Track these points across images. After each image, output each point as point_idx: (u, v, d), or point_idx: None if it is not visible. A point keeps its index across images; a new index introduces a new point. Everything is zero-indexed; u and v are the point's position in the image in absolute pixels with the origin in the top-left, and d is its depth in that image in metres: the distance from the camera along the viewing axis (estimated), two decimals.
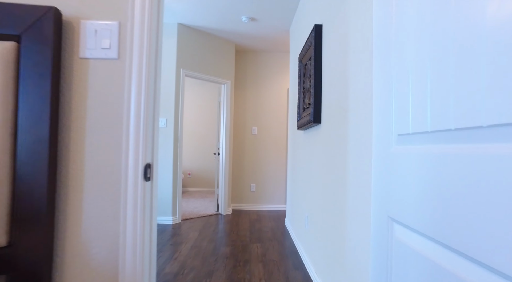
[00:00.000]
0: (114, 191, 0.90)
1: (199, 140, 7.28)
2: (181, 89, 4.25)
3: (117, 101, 0.92)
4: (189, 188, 7.25)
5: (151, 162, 0.97)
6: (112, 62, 0.93)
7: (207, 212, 4.78)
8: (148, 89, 0.94)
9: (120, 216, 0.91)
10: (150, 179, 0.97)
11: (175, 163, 4.15)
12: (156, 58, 1.00)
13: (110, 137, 0.92)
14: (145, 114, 0.94)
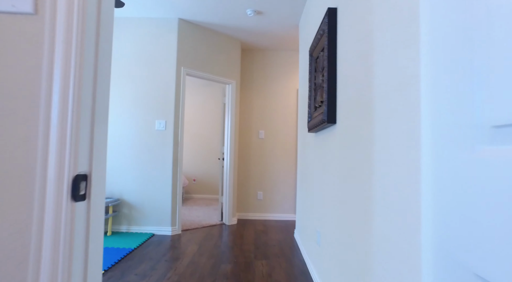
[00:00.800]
0: (20, 219, 0.58)
1: (204, 144, 6.98)
2: (182, 89, 3.95)
3: (31, 78, 0.60)
4: (194, 195, 6.93)
5: (88, 172, 0.64)
6: (24, 19, 0.61)
7: (210, 222, 4.44)
8: (81, 62, 0.61)
9: (29, 263, 0.58)
10: (87, 197, 0.64)
11: (175, 168, 3.84)
12: (98, 16, 0.67)
13: (18, 133, 0.60)
14: (75, 99, 0.61)
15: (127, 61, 3.91)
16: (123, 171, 3.83)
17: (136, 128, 3.86)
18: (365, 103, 1.39)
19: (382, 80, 1.19)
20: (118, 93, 3.89)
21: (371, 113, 1.31)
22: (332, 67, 1.95)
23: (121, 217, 3.82)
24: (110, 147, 3.86)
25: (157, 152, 3.82)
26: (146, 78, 3.89)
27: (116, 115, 3.88)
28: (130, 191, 3.82)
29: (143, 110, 3.87)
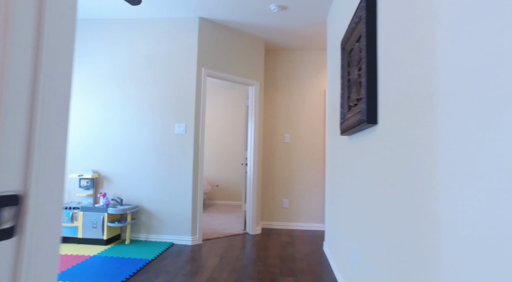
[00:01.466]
0: None
1: (227, 148, 6.78)
2: (203, 91, 3.76)
3: None
4: (217, 201, 6.74)
5: (22, 192, 0.41)
6: None
7: (233, 231, 4.20)
8: None
9: None
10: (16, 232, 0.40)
11: (195, 174, 3.64)
12: None
13: None
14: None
15: (145, 63, 3.79)
16: (141, 177, 3.69)
17: (155, 132, 3.71)
18: (422, 99, 1.09)
19: (453, 68, 0.89)
20: (137, 96, 3.77)
21: (432, 111, 1.00)
22: (372, 58, 1.65)
23: (140, 225, 3.66)
24: (129, 151, 3.73)
25: (176, 157, 3.65)
26: (165, 80, 3.75)
27: (134, 119, 3.75)
28: (149, 198, 3.67)
29: (162, 114, 3.72)
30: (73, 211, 3.43)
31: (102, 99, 3.82)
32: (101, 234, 3.37)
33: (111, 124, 3.78)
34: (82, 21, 3.92)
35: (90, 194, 3.66)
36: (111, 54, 3.85)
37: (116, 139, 3.76)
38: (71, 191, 3.82)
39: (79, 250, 3.18)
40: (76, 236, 3.41)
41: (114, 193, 3.73)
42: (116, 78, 3.82)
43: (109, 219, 3.43)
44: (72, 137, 3.84)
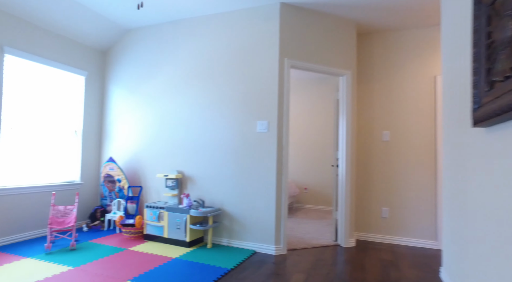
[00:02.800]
0: None
1: (317, 148, 6.26)
2: (286, 84, 3.38)
3: None
4: (305, 205, 6.29)
5: None
6: None
7: (322, 241, 3.70)
8: None
9: None
10: None
11: (279, 176, 3.28)
12: None
13: None
14: None
15: (225, 59, 3.61)
16: (223, 178, 3.51)
17: (236, 131, 3.49)
18: None
19: None
20: (217, 94, 3.62)
21: None
22: None
23: (221, 229, 3.49)
24: (210, 151, 3.60)
25: (258, 157, 3.35)
26: (245, 75, 3.49)
27: (216, 118, 3.60)
28: (230, 200, 3.46)
29: (243, 111, 3.47)
30: (160, 210, 3.45)
31: (186, 100, 3.80)
32: (184, 235, 3.30)
33: (194, 124, 3.72)
34: (164, 24, 3.98)
35: (175, 194, 3.66)
36: (191, 53, 3.80)
37: (199, 138, 3.68)
38: (160, 190, 3.90)
39: (163, 250, 3.15)
40: (162, 235, 3.42)
41: (197, 194, 3.65)
42: (197, 77, 3.75)
43: (191, 221, 3.34)
44: (160, 138, 3.92)
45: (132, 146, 4.12)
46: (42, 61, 3.64)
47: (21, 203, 3.43)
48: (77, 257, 2.87)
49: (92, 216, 4.00)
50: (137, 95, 4.14)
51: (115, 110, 4.30)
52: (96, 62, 4.33)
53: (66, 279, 2.38)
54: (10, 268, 2.60)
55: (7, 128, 3.35)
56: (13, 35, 3.37)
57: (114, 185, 3.97)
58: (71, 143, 4.04)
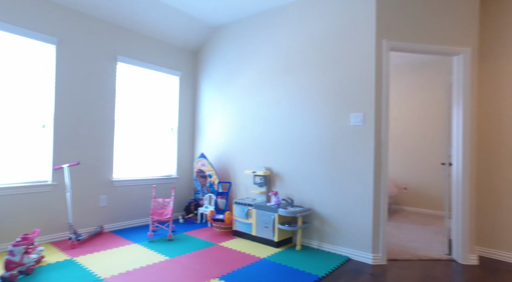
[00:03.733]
0: None
1: (419, 143, 5.46)
2: (385, 69, 2.92)
3: None
4: (405, 207, 5.56)
5: None
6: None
7: (431, 253, 3.13)
8: None
9: None
10: None
11: (377, 175, 2.87)
12: None
13: None
14: None
15: (313, 47, 3.32)
16: (313, 176, 3.26)
17: (327, 126, 3.19)
18: None
19: None
20: (306, 86, 3.37)
21: None
22: None
23: (312, 230, 3.25)
24: (299, 147, 3.38)
25: (353, 153, 2.99)
26: (335, 64, 3.15)
27: (305, 111, 3.36)
28: (321, 201, 3.20)
29: (334, 103, 3.15)
30: (248, 207, 3.41)
31: (274, 94, 3.66)
32: (272, 235, 3.18)
33: (283, 119, 3.56)
34: (248, 18, 3.90)
35: (263, 191, 3.57)
36: (275, 46, 3.63)
37: (288, 134, 3.50)
38: (249, 186, 3.88)
39: (251, 249, 3.08)
40: (250, 232, 3.38)
41: (285, 192, 3.49)
42: (284, 70, 3.57)
43: (280, 220, 3.19)
44: (248, 134, 3.89)
45: (222, 142, 4.20)
46: (144, 65, 3.97)
47: (131, 194, 3.82)
48: (173, 248, 3.02)
49: (187, 208, 4.23)
50: (226, 92, 4.19)
51: (206, 108, 4.45)
52: (188, 62, 4.55)
53: (163, 268, 2.50)
54: (123, 251, 2.90)
55: (118, 128, 3.75)
56: (123, 44, 3.74)
57: (206, 180, 4.12)
58: (169, 140, 4.34)
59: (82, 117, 3.38)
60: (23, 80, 3.01)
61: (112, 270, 2.47)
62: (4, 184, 2.88)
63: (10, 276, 2.28)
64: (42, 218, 3.09)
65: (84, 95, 3.40)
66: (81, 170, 3.37)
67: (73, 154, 3.31)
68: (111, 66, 3.64)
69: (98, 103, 3.52)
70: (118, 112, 3.75)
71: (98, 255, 2.78)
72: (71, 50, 3.30)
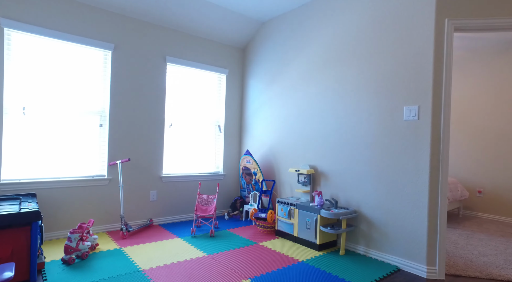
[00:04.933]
0: None
1: (499, 139, 4.69)
2: (446, 55, 2.52)
3: None
4: (479, 213, 4.83)
5: None
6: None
7: (508, 274, 2.63)
8: None
9: None
10: None
11: (434, 176, 2.50)
12: None
13: None
14: None
15: (358, 37, 3.03)
16: (361, 176, 2.99)
17: (377, 121, 2.88)
18: None
19: None
20: (353, 78, 3.10)
21: None
22: None
23: (358, 234, 2.99)
24: (346, 144, 3.13)
25: (406, 151, 2.66)
26: (387, 51, 2.83)
27: (352, 106, 3.10)
28: (369, 203, 2.92)
29: (385, 96, 2.84)
30: (290, 207, 3.28)
31: (320, 89, 3.46)
32: (314, 237, 3.00)
33: (328, 115, 3.34)
34: (294, 10, 3.73)
35: (306, 191, 3.40)
36: (323, 37, 3.40)
37: (334, 131, 3.27)
38: (293, 185, 3.74)
39: (291, 250, 2.95)
40: (292, 233, 3.24)
41: (330, 192, 3.27)
42: (330, 62, 3.33)
43: (322, 222, 3.00)
44: (293, 131, 3.74)
45: (268, 139, 4.12)
46: (192, 65, 4.07)
47: (179, 189, 3.98)
48: (213, 245, 3.05)
49: (232, 205, 4.26)
50: (272, 88, 4.10)
51: (253, 105, 4.41)
52: (235, 59, 4.56)
53: (199, 265, 2.52)
54: (165, 244, 3.02)
55: (168, 125, 3.92)
56: (171, 45, 3.90)
57: (251, 178, 4.09)
58: (216, 137, 4.41)
59: (134, 117, 3.61)
60: (83, 83, 3.32)
61: (152, 262, 2.58)
62: (66, 177, 3.21)
63: (68, 259, 2.52)
64: (99, 209, 3.38)
65: (136, 96, 3.62)
66: (134, 166, 3.61)
67: (126, 151, 3.55)
68: (161, 67, 3.81)
69: (149, 103, 3.72)
70: (168, 111, 3.92)
71: (144, 247, 2.93)
72: (125, 54, 3.53)
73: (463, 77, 5.07)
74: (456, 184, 4.55)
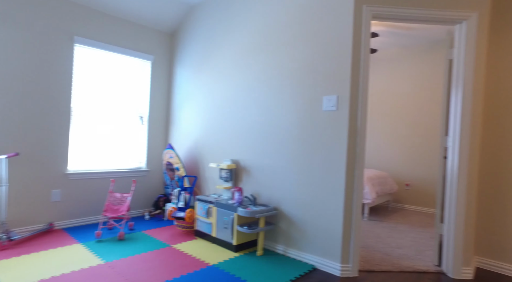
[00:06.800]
0: None
1: (426, 134, 4.85)
2: (364, 44, 2.40)
3: None
4: (406, 205, 4.99)
5: None
6: None
7: (418, 264, 2.62)
8: None
9: None
10: None
11: (350, 170, 2.38)
12: None
13: None
14: None
15: (284, 23, 2.83)
16: (283, 171, 2.81)
17: (299, 111, 2.71)
18: None
19: None
20: (276, 68, 2.90)
21: None
22: None
23: (277, 233, 2.82)
24: (268, 137, 2.93)
25: (325, 145, 2.52)
26: (311, 36, 2.66)
27: (274, 95, 2.90)
28: (289, 199, 2.75)
29: (307, 86, 2.67)
30: (209, 205, 3.01)
31: (246, 76, 3.21)
32: (231, 237, 2.77)
33: (252, 106, 3.11)
34: None
35: (228, 187, 3.16)
36: (247, 25, 3.16)
37: (257, 122, 3.05)
38: (217, 181, 3.47)
39: (206, 253, 2.69)
40: (210, 233, 2.99)
41: (253, 188, 3.06)
42: (254, 51, 3.10)
43: (239, 221, 2.77)
44: (219, 123, 3.47)
45: (194, 132, 3.81)
46: (109, 48, 3.60)
47: (91, 188, 3.51)
48: (117, 250, 2.68)
49: (155, 204, 3.89)
50: (199, 78, 3.78)
51: (181, 95, 4.06)
52: (163, 45, 4.15)
53: (85, 276, 2.15)
54: (59, 253, 2.57)
55: (77, 115, 3.42)
56: (82, 24, 3.39)
57: (174, 174, 3.75)
58: (138, 129, 3.99)
59: (30, 104, 3.07)
60: None
61: (24, 278, 2.11)
62: None
63: None
64: None
65: (32, 80, 3.08)
66: (29, 161, 3.08)
67: (17, 144, 3.01)
68: (67, 48, 3.29)
69: (50, 89, 3.19)
70: (76, 99, 3.42)
71: (24, 259, 2.44)
72: (17, 28, 2.97)
73: (397, 72, 5.17)
74: (386, 178, 4.63)
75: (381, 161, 5.26)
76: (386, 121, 5.23)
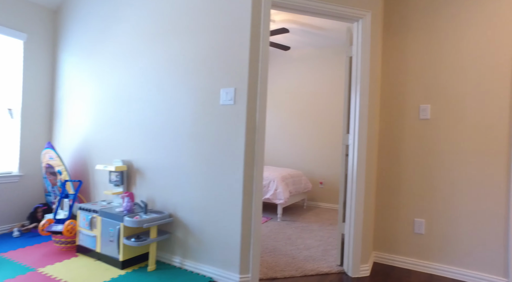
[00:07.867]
0: None
1: (337, 133, 5.00)
2: (263, 34, 2.21)
3: None
4: (320, 203, 5.09)
5: None
6: None
7: (322, 265, 2.54)
8: None
9: None
10: None
11: (248, 170, 2.17)
12: None
13: None
14: None
15: (180, 10, 2.52)
16: (180, 172, 2.48)
17: (197, 106, 2.41)
18: None
19: None
20: (175, 58, 2.55)
21: None
22: None
23: (174, 243, 2.48)
24: (166, 135, 2.57)
25: (223, 142, 2.26)
26: (209, 22, 2.38)
27: (171, 88, 2.55)
28: (186, 205, 2.43)
29: (206, 77, 2.38)
30: (92, 214, 2.53)
31: (140, 68, 2.78)
32: (117, 252, 2.34)
33: (148, 100, 2.71)
34: None
35: (119, 192, 2.71)
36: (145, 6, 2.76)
37: (152, 116, 2.66)
38: (108, 186, 2.98)
39: (83, 275, 2.21)
40: (94, 248, 2.50)
41: (148, 193, 2.66)
42: (152, 35, 2.71)
43: (127, 232, 2.36)
44: (112, 118, 2.97)
45: (84, 128, 3.23)
46: None
47: None
48: None
49: (31, 216, 3.21)
50: (90, 64, 3.21)
51: (68, 84, 3.42)
52: (43, 22, 3.45)
53: None
54: None
55: None
56: None
57: (56, 178, 3.13)
58: (6, 125, 3.24)
59: None
60: None
61: None
62: None
63: None
64: None
65: None
66: None
67: None
68: None
69: None
70: None
71: None
72: None
73: (309, 72, 5.24)
74: (301, 177, 4.63)
75: (296, 160, 5.29)
76: (299, 120, 5.27)
